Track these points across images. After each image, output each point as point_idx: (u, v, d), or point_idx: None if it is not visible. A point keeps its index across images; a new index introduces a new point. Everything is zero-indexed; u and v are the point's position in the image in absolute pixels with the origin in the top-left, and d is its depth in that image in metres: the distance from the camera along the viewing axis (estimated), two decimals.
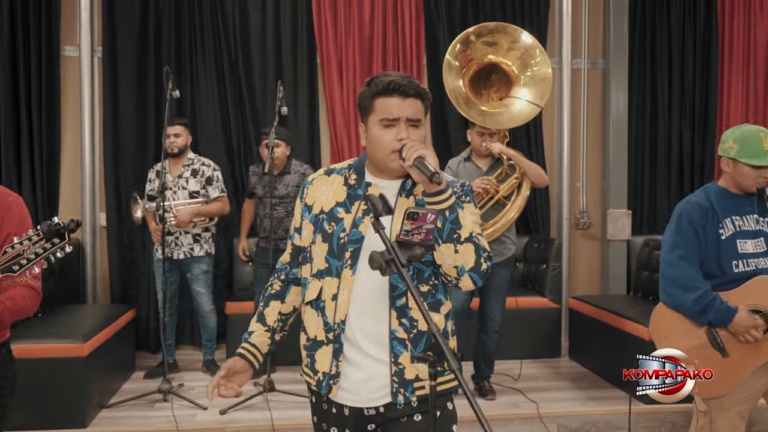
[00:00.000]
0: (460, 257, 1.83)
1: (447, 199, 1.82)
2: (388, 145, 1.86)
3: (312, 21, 5.71)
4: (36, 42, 5.43)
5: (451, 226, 1.82)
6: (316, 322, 1.94)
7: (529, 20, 5.92)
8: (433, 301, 1.92)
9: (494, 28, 4.36)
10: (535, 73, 4.34)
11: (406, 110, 1.86)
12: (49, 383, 3.86)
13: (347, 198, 1.95)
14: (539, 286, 5.56)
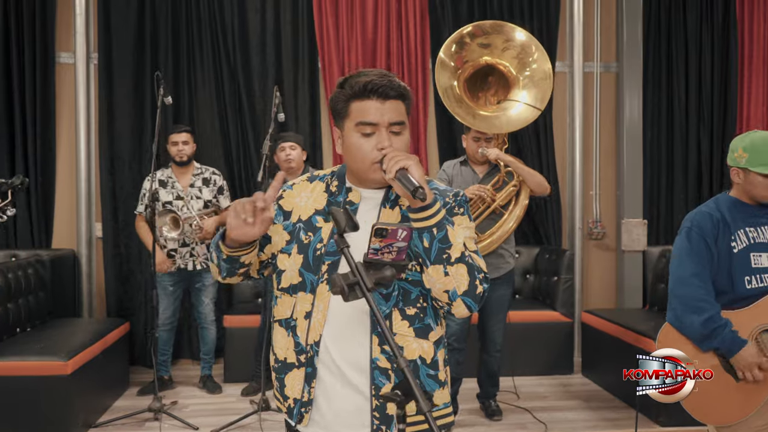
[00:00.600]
0: (451, 280, 1.61)
1: (434, 214, 1.59)
2: (368, 155, 1.65)
3: (313, 24, 5.53)
4: (30, 49, 5.30)
5: (440, 246, 1.59)
6: (286, 342, 1.73)
7: (538, 22, 5.71)
8: (421, 327, 1.70)
9: (490, 28, 4.14)
10: (534, 72, 4.10)
11: (387, 114, 1.64)
12: (31, 402, 3.68)
13: (327, 206, 1.74)
14: (550, 300, 5.31)
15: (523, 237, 5.76)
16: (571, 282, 5.28)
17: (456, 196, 1.77)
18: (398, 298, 1.68)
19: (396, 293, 1.68)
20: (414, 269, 1.67)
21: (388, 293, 1.67)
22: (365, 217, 1.69)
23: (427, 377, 1.71)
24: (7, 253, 5.20)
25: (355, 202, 1.73)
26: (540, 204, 5.68)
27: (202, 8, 5.44)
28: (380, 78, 1.66)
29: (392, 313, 1.67)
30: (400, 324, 1.68)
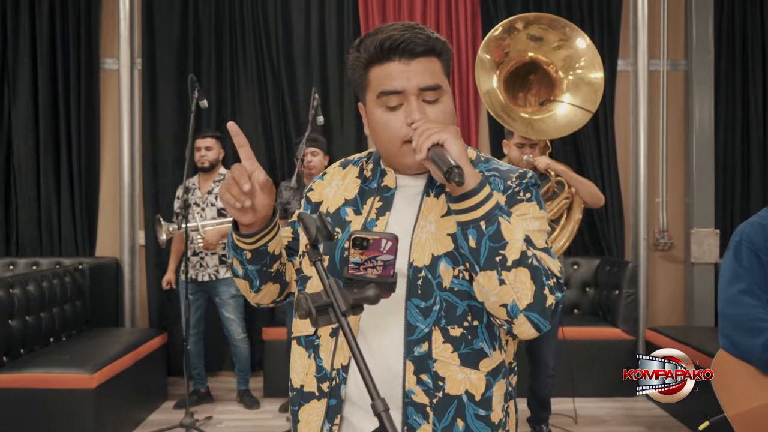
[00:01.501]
0: (509, 291, 1.24)
1: (481, 203, 1.23)
2: (396, 133, 1.32)
3: (359, 25, 5.32)
4: (75, 55, 5.27)
5: (491, 245, 1.23)
6: (305, 365, 1.41)
7: (599, 17, 5.34)
8: (469, 352, 1.33)
9: (548, 23, 3.79)
10: (580, 75, 3.72)
11: (415, 78, 1.30)
12: (55, 417, 3.56)
13: (358, 194, 1.43)
14: (612, 315, 4.92)
15: (582, 248, 5.39)
16: (634, 296, 4.87)
17: (522, 178, 1.38)
18: (440, 314, 1.32)
19: (437, 307, 1.32)
20: (462, 276, 1.33)
21: (427, 307, 1.32)
22: (400, 209, 1.38)
23: (476, 419, 1.34)
24: (52, 261, 5.16)
25: (391, 186, 1.40)
26: (601, 212, 5.29)
27: (245, 11, 5.31)
28: (402, 32, 1.30)
29: (432, 334, 1.32)
30: (442, 348, 1.32)
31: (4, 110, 5.28)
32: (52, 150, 5.28)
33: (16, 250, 5.31)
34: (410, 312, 1.33)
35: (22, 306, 3.85)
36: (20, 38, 5.24)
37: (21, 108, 5.24)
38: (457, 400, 1.33)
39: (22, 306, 3.85)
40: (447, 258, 1.34)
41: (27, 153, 5.26)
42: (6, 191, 5.31)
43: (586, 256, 5.34)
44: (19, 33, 5.24)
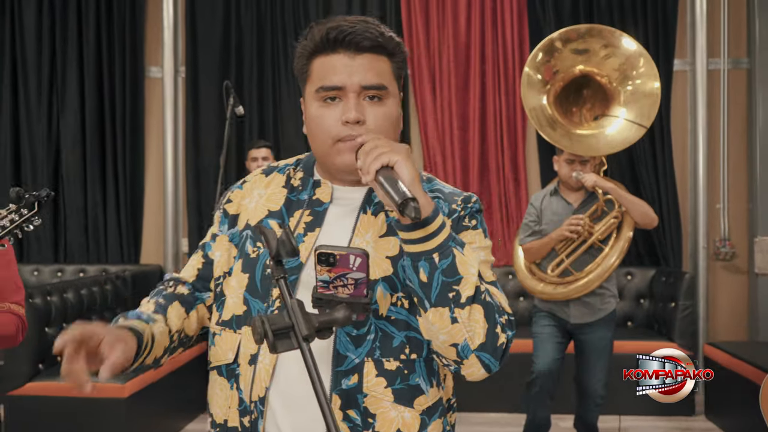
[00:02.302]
0: (461, 330, 1.14)
1: (434, 234, 1.12)
2: (329, 130, 1.21)
3: (401, 29, 5.20)
4: (121, 64, 5.32)
5: (445, 279, 1.12)
6: (228, 398, 1.26)
7: (653, 15, 5.07)
8: (405, 388, 1.21)
9: (586, 32, 3.60)
10: (638, 87, 3.51)
11: (358, 73, 1.19)
12: (87, 426, 3.55)
13: (284, 205, 1.29)
14: (667, 329, 4.65)
15: (637, 257, 5.12)
16: (690, 309, 4.59)
17: (467, 202, 1.28)
18: (374, 344, 1.20)
19: (371, 337, 1.20)
20: (400, 304, 1.21)
21: (359, 335, 1.20)
22: (336, 225, 1.25)
23: None
24: (99, 268, 5.21)
25: (324, 201, 1.28)
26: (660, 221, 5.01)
27: (287, 17, 5.26)
28: (353, 24, 1.19)
29: (364, 365, 1.20)
30: (375, 382, 1.20)
31: (53, 121, 5.37)
32: (98, 159, 5.34)
33: (64, 257, 5.39)
34: (340, 339, 1.19)
35: (59, 313, 3.86)
36: (68, 51, 5.32)
37: (69, 118, 5.33)
38: None
39: (60, 313, 3.86)
40: (384, 283, 1.21)
41: (74, 162, 5.33)
42: (55, 199, 5.39)
43: (640, 266, 5.07)
44: (67, 46, 5.32)
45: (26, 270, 5.22)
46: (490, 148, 5.18)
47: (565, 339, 3.53)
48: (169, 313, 1.30)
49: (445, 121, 5.19)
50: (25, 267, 5.24)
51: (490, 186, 5.18)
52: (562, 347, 3.51)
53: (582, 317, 3.45)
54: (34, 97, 5.35)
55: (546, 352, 3.46)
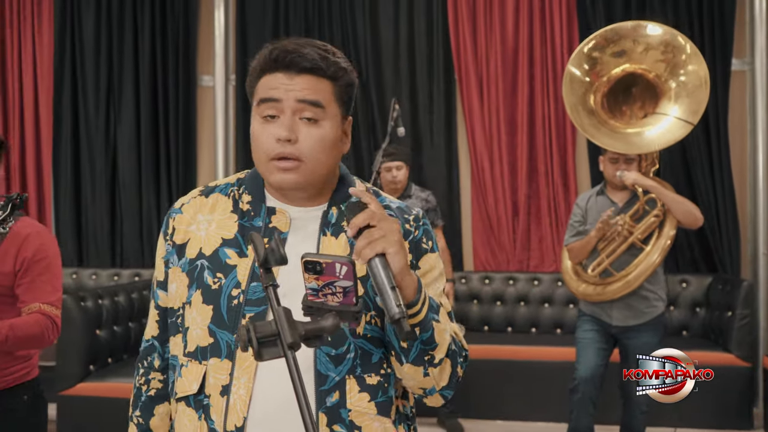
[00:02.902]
0: (431, 380, 1.25)
1: (416, 314, 1.17)
2: (264, 147, 1.22)
3: (448, 33, 5.17)
4: (174, 74, 5.46)
5: (422, 347, 1.21)
6: (195, 428, 1.25)
7: (709, 14, 4.90)
8: (386, 401, 1.26)
9: (611, 36, 3.52)
10: (688, 78, 3.39)
11: (294, 90, 1.21)
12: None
13: (239, 232, 1.27)
14: (724, 339, 4.48)
15: (692, 264, 4.95)
16: (749, 318, 4.40)
17: (417, 221, 1.31)
18: (355, 361, 1.23)
19: (351, 355, 1.22)
20: (374, 322, 1.24)
21: (338, 354, 1.22)
22: (295, 253, 1.18)
23: None
24: (152, 272, 5.34)
25: (283, 230, 1.27)
26: (714, 225, 4.84)
27: (334, 24, 5.31)
28: (296, 45, 1.22)
29: (346, 383, 1.22)
30: (358, 397, 1.24)
31: (110, 130, 5.55)
32: (152, 165, 5.49)
33: (120, 261, 5.55)
34: (320, 360, 1.21)
35: (110, 317, 3.98)
36: (124, 62, 5.49)
37: (125, 127, 5.49)
38: None
39: (111, 317, 3.98)
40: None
41: (130, 168, 5.49)
42: (112, 206, 5.56)
43: (696, 274, 4.90)
44: (123, 58, 5.49)
45: (85, 274, 5.41)
46: (539, 153, 5.10)
47: (608, 345, 3.44)
48: (154, 428, 1.38)
49: (493, 126, 5.14)
50: (84, 271, 5.44)
51: (539, 191, 5.10)
52: (606, 353, 3.42)
53: (625, 320, 3.36)
54: (92, 107, 5.54)
55: (588, 358, 3.38)
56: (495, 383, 4.49)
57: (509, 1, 5.11)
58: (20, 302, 2.11)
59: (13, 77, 5.64)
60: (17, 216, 2.08)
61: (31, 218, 2.28)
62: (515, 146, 5.14)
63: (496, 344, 4.65)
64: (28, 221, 2.20)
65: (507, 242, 5.14)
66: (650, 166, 3.51)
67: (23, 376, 2.18)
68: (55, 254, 2.19)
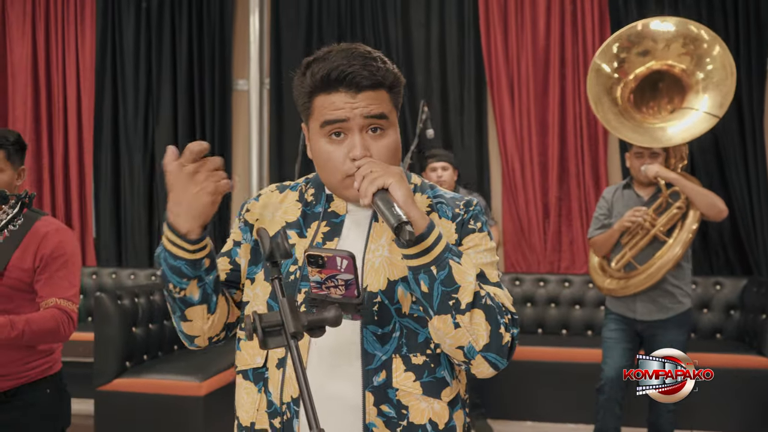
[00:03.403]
0: (464, 333, 1.21)
1: (430, 248, 1.19)
2: (338, 167, 1.27)
3: (479, 36, 5.19)
4: (210, 78, 5.58)
5: (444, 290, 1.19)
6: (255, 401, 1.32)
7: (744, 10, 4.83)
8: (432, 381, 1.28)
9: (628, 37, 3.52)
10: (714, 70, 3.37)
11: (360, 107, 1.25)
12: (168, 421, 3.75)
13: (301, 217, 1.37)
14: (758, 342, 4.40)
15: (727, 266, 4.89)
16: None
17: (468, 206, 1.35)
18: (401, 341, 1.27)
19: (396, 334, 1.26)
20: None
21: (385, 333, 1.26)
22: (352, 234, 1.32)
23: None
24: None
25: (340, 213, 1.36)
26: (749, 226, 4.77)
27: (366, 28, 5.37)
28: (350, 59, 1.25)
29: (392, 362, 1.26)
30: (404, 377, 1.27)
31: (149, 132, 5.70)
32: None
33: None
34: (366, 339, 1.26)
35: (145, 315, 4.09)
36: (163, 67, 5.63)
37: (163, 130, 5.64)
38: (421, 430, 1.27)
39: (146, 315, 4.09)
40: (405, 283, 1.27)
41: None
42: (150, 206, 5.71)
43: (731, 276, 4.83)
44: (161, 63, 5.64)
45: (124, 274, 5.57)
46: (570, 154, 5.09)
47: (634, 344, 3.43)
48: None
49: (524, 127, 5.14)
50: (122, 271, 5.59)
51: (570, 192, 5.09)
52: (632, 353, 3.42)
53: (649, 314, 3.35)
54: (131, 111, 5.69)
55: (614, 359, 3.39)
56: (525, 384, 4.49)
57: (540, 2, 5.12)
58: (38, 297, 2.20)
59: (58, 81, 5.83)
60: (39, 216, 2.17)
61: (53, 217, 2.35)
62: (546, 148, 5.13)
63: (527, 345, 4.65)
64: (49, 219, 2.30)
65: (538, 244, 5.14)
66: (678, 162, 3.49)
67: (46, 370, 2.25)
68: (74, 252, 2.27)
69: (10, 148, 2.25)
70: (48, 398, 2.25)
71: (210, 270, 1.30)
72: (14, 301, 2.16)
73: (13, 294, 2.18)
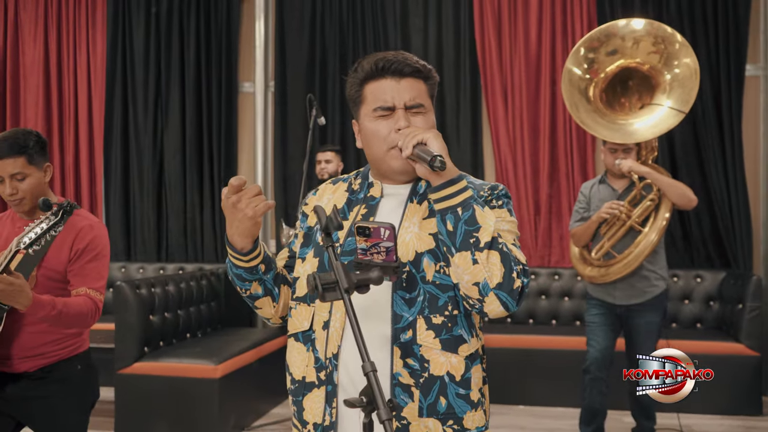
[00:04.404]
0: (480, 270, 1.42)
1: (458, 192, 1.44)
2: (384, 139, 1.53)
3: (475, 42, 5.48)
4: (217, 81, 5.85)
5: (466, 228, 1.41)
6: (305, 358, 1.57)
7: (724, 21, 5.14)
8: (450, 338, 1.52)
9: (597, 38, 3.79)
10: (682, 66, 3.65)
11: (403, 94, 1.52)
12: (184, 402, 4.00)
13: (346, 203, 1.63)
14: (734, 330, 4.72)
15: (707, 260, 5.20)
16: (758, 311, 4.64)
17: (493, 190, 1.58)
18: (423, 304, 1.51)
19: (421, 298, 1.51)
20: (442, 271, 1.53)
21: (411, 298, 1.51)
22: (389, 214, 1.58)
23: (457, 397, 1.53)
24: (196, 266, 5.71)
25: (376, 196, 1.61)
26: (728, 224, 5.08)
27: (367, 34, 5.64)
28: (395, 55, 1.55)
29: (416, 322, 1.51)
30: (425, 334, 1.51)
31: (158, 133, 5.95)
32: (196, 166, 5.88)
33: (166, 256, 5.94)
34: (396, 303, 1.51)
35: (161, 303, 4.34)
36: (171, 70, 5.89)
37: (171, 130, 5.89)
38: (440, 380, 1.51)
39: (162, 303, 4.35)
40: (429, 255, 1.53)
41: (175, 169, 5.89)
42: (158, 204, 5.96)
43: (710, 270, 5.14)
44: (170, 66, 5.89)
45: (132, 267, 5.81)
46: (560, 155, 5.38)
47: (616, 327, 3.72)
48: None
49: (517, 131, 5.43)
50: (131, 264, 5.84)
51: (560, 191, 5.38)
52: (614, 335, 3.71)
53: (628, 299, 3.64)
54: (141, 112, 5.94)
55: (598, 340, 3.67)
56: (517, 371, 4.79)
57: (533, 12, 5.41)
58: (69, 285, 2.39)
59: (69, 83, 6.07)
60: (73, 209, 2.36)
61: (87, 211, 2.54)
62: (538, 149, 5.42)
63: (518, 334, 4.95)
64: (84, 214, 2.48)
65: (529, 240, 5.42)
66: (649, 154, 3.78)
67: (76, 348, 2.47)
68: (105, 245, 2.46)
69: (31, 151, 2.36)
70: (79, 373, 2.47)
71: (267, 270, 1.61)
72: (49, 290, 2.32)
73: (48, 284, 2.35)
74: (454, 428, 1.53)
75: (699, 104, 5.01)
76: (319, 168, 4.86)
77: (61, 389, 2.41)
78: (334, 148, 4.96)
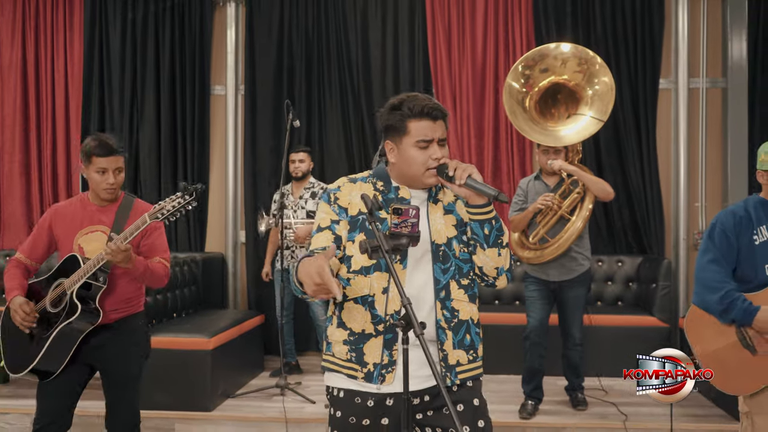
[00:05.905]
0: (502, 260, 2.14)
1: (492, 209, 2.10)
2: (425, 163, 2.10)
3: (428, 55, 6.13)
4: (191, 84, 6.31)
5: (497, 233, 2.12)
6: (363, 316, 2.12)
7: (641, 38, 5.95)
8: (471, 294, 2.20)
9: (533, 57, 4.47)
10: (601, 83, 4.38)
11: (437, 132, 2.11)
12: (180, 371, 4.51)
13: (383, 200, 2.18)
14: (649, 306, 5.53)
15: (627, 247, 6.01)
16: (668, 289, 5.47)
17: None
18: (454, 272, 2.16)
19: (453, 268, 2.16)
20: (464, 250, 2.18)
21: (446, 267, 2.16)
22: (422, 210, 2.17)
23: (475, 334, 2.22)
24: (172, 255, 6.16)
25: (407, 197, 2.19)
26: (644, 216, 5.90)
27: (331, 45, 6.21)
28: (432, 102, 2.12)
29: (450, 284, 2.15)
30: (457, 292, 2.17)
31: (133, 132, 6.36)
32: (170, 164, 6.33)
33: None
34: (436, 271, 2.16)
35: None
36: (147, 73, 6.32)
37: (146, 129, 6.32)
38: (466, 323, 2.18)
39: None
40: (455, 239, 2.20)
41: (151, 166, 6.32)
42: None
43: (629, 255, 5.95)
44: (146, 69, 6.32)
45: None
46: (502, 154, 6.09)
47: (550, 299, 4.45)
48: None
49: (464, 131, 6.11)
50: None
51: (502, 187, 6.09)
52: (549, 307, 4.44)
53: (560, 276, 4.37)
54: (117, 112, 6.35)
55: (536, 312, 4.38)
56: None
57: (479, 27, 6.10)
58: (145, 257, 2.98)
59: (46, 84, 6.42)
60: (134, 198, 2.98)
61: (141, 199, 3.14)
62: (482, 149, 6.12)
63: None
64: (141, 201, 3.09)
65: None
66: (575, 156, 4.50)
67: (139, 306, 3.13)
68: (162, 224, 3.03)
69: (123, 152, 2.99)
70: (140, 328, 3.13)
71: None
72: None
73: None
74: (473, 355, 2.21)
75: (620, 113, 5.82)
76: (293, 167, 5.39)
77: (127, 341, 3.03)
78: (306, 149, 5.51)
